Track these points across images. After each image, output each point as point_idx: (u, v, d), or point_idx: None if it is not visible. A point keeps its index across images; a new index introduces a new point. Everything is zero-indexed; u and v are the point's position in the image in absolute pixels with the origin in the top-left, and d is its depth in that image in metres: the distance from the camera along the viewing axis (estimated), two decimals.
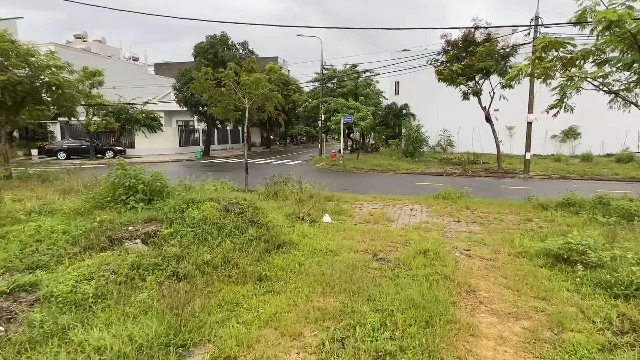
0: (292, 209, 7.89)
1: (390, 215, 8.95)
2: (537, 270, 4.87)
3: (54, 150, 27.98)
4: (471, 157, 25.01)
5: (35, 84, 15.32)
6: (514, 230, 7.65)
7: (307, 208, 8.20)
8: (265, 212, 6.25)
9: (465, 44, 19.26)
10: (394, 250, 5.80)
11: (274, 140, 54.73)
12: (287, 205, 8.57)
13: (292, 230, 6.17)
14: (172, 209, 5.66)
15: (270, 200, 9.96)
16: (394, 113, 33.91)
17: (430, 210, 9.69)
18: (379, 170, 20.85)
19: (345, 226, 7.41)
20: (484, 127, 29.84)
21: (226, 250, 4.80)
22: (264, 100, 14.21)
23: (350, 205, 10.31)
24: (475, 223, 8.33)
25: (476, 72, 18.72)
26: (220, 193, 7.65)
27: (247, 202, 6.09)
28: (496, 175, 18.91)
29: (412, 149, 25.78)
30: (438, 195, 11.53)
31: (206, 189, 11.81)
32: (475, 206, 10.22)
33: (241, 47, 32.56)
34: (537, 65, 9.68)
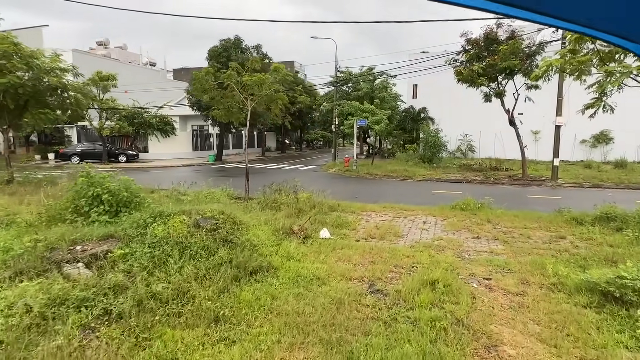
0: (284, 222, 6.94)
1: (399, 230, 7.89)
2: (580, 312, 3.76)
3: (68, 154, 28.02)
4: (493, 163, 23.55)
5: (40, 87, 14.98)
6: (545, 250, 6.48)
7: (304, 220, 7.25)
8: (247, 228, 5.34)
9: (487, 42, 17.99)
10: (396, 278, 4.77)
11: (290, 145, 54.09)
12: (282, 217, 7.64)
13: (276, 250, 5.23)
14: (133, 225, 4.81)
15: (266, 210, 9.07)
16: (412, 117, 32.69)
17: (445, 224, 8.57)
18: (394, 177, 19.72)
19: (344, 243, 6.41)
20: (507, 131, 28.28)
21: (184, 278, 3.91)
22: (269, 102, 13.39)
23: (355, 217, 9.30)
24: (497, 240, 7.18)
25: (499, 72, 17.42)
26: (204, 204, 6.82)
27: (224, 215, 5.20)
28: (521, 182, 17.49)
29: (430, 154, 24.50)
30: (455, 205, 10.38)
31: (200, 197, 11.09)
32: (497, 219, 9.04)
33: (255, 51, 32.06)
34: (570, 60, 8.48)
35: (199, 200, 10.22)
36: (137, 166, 27.24)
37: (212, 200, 10.54)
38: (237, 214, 5.69)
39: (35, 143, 34.66)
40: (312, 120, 47.45)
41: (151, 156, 31.84)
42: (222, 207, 5.82)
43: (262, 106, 13.31)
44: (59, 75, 15.43)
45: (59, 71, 15.66)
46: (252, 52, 32.00)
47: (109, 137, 31.91)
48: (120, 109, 28.28)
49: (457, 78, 18.31)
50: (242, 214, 6.26)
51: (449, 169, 22.40)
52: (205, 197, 11.05)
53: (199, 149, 35.26)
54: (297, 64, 59.07)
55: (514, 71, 17.17)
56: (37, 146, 33.07)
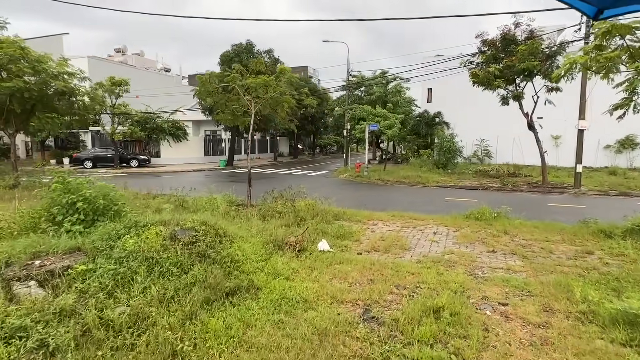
0: (279, 232, 6.39)
1: (406, 241, 7.25)
2: (619, 353, 3.07)
3: (81, 159, 28.20)
4: (511, 169, 22.55)
5: (47, 91, 14.91)
6: (570, 268, 5.75)
7: (301, 231, 6.68)
8: (232, 240, 4.81)
9: (504, 42, 17.19)
10: (397, 301, 4.14)
11: (303, 151, 53.73)
12: (277, 227, 7.10)
13: (263, 266, 4.66)
14: (104, 236, 4.33)
15: (266, 218, 8.54)
16: (426, 121, 31.84)
17: (458, 235, 7.88)
18: (406, 183, 19.00)
19: (343, 257, 5.81)
20: (525, 136, 27.19)
21: (148, 301, 3.39)
22: (275, 105, 12.94)
23: (360, 226, 8.68)
24: (515, 255, 6.46)
25: (517, 74, 16.58)
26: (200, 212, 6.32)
27: (206, 227, 4.68)
28: (541, 190, 16.54)
29: (444, 159, 23.67)
30: (470, 214, 9.65)
31: (200, 203, 10.65)
32: (515, 230, 8.29)
33: (267, 55, 31.87)
34: (596, 57, 7.72)
35: (197, 207, 9.79)
36: (148, 171, 27.20)
37: (211, 207, 10.09)
38: (224, 225, 5.16)
39: (51, 148, 35.10)
40: (325, 125, 46.97)
41: (163, 161, 31.87)
42: (207, 216, 5.31)
43: (268, 109, 12.85)
44: (66, 80, 15.35)
45: (67, 75, 15.60)
46: (264, 56, 31.80)
47: (122, 142, 32.10)
48: (133, 114, 28.37)
49: (473, 80, 17.53)
50: (230, 223, 5.76)
51: (464, 175, 21.53)
52: (205, 204, 10.63)
53: (211, 154, 35.18)
54: (310, 68, 58.86)
55: (533, 73, 16.31)
56: (53, 151, 33.47)
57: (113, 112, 27.12)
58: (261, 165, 33.09)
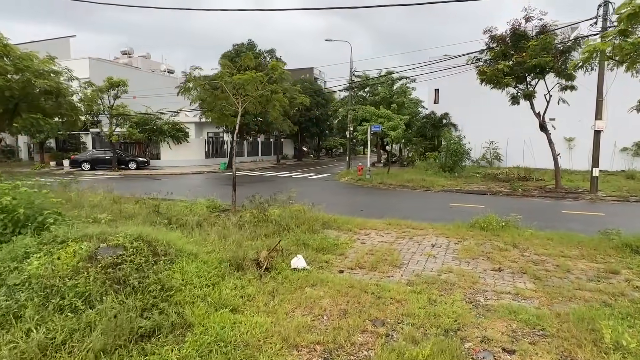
0: (248, 246, 5.48)
1: (398, 256, 6.29)
2: None
3: (79, 161, 27.70)
4: (522, 173, 21.39)
5: (30, 90, 14.25)
6: (592, 293, 4.75)
7: (275, 244, 5.77)
8: (175, 259, 3.92)
9: (514, 38, 16.12)
10: (368, 346, 3.21)
11: (308, 153, 52.88)
12: (251, 239, 6.22)
13: (208, 292, 3.75)
14: (7, 256, 3.48)
15: (245, 227, 7.66)
16: (433, 123, 30.79)
17: (459, 248, 6.89)
18: (409, 187, 17.98)
19: (319, 277, 4.89)
20: (537, 138, 25.91)
21: (25, 350, 2.52)
22: (266, 104, 12.07)
23: (350, 237, 7.74)
24: (525, 275, 5.47)
25: (528, 71, 15.49)
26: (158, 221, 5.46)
27: (142, 242, 3.80)
28: (554, 195, 15.39)
29: (451, 162, 22.56)
30: (475, 223, 8.64)
31: (178, 208, 9.80)
32: (526, 243, 7.27)
33: (268, 55, 31.16)
34: (621, 44, 6.70)
35: (173, 213, 8.95)
36: (146, 173, 26.56)
37: (190, 213, 9.25)
38: (169, 238, 4.27)
39: (52, 149, 34.79)
40: (330, 127, 46.07)
41: (163, 163, 31.26)
42: (145, 229, 4.42)
43: (258, 108, 11.99)
44: (51, 79, 14.68)
45: (53, 74, 14.95)
46: (266, 56, 31.10)
47: (122, 144, 31.60)
48: (131, 115, 27.79)
49: (480, 78, 16.48)
50: (186, 236, 4.88)
51: (471, 179, 20.42)
52: (185, 209, 9.80)
53: (213, 156, 34.50)
54: (316, 70, 58.07)
55: (545, 69, 15.21)
56: (53, 152, 33.13)
57: (110, 114, 26.57)
58: (263, 167, 32.28)
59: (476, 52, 17.19)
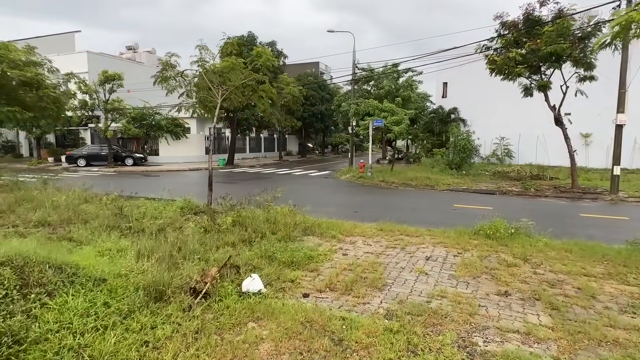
0: (202, 258, 4.44)
1: (382, 273, 5.20)
2: None
3: (74, 157, 27.02)
4: (534, 171, 20.04)
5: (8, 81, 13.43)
6: (629, 332, 3.61)
7: (227, 258, 4.73)
8: (60, 288, 2.90)
9: (527, 24, 14.78)
10: None
11: (313, 149, 51.75)
12: (211, 249, 5.19)
13: (91, 340, 2.70)
14: None
15: (215, 233, 6.63)
16: (440, 118, 29.46)
17: (459, 263, 5.76)
18: (413, 186, 16.78)
19: (272, 307, 3.83)
20: (551, 134, 24.41)
21: None
22: (250, 94, 11.03)
23: (332, 245, 6.66)
24: (539, 303, 4.33)
25: (542, 59, 14.15)
26: None
27: (11, 269, 2.78)
28: (570, 195, 14.07)
29: (458, 159, 21.28)
30: (479, 229, 7.48)
31: (147, 209, 8.83)
32: (539, 256, 6.11)
33: (269, 48, 30.10)
34: None
35: (139, 215, 7.97)
36: (142, 170, 25.77)
37: (159, 215, 8.26)
38: (74, 259, 3.26)
39: (52, 145, 34.29)
40: (335, 123, 44.83)
41: (161, 159, 30.47)
42: (32, 246, 3.41)
43: (242, 100, 10.94)
44: (30, 70, 13.84)
45: (32, 65, 14.12)
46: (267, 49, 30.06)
47: (119, 140, 30.87)
48: (127, 110, 26.98)
49: (490, 68, 15.18)
50: (91, 254, 3.88)
51: (480, 177, 19.14)
52: (154, 210, 8.81)
53: (214, 152, 33.63)
54: (322, 64, 56.78)
55: (562, 57, 13.86)
56: (51, 148, 32.59)
57: (105, 108, 25.80)
58: (264, 164, 31.31)
59: (486, 40, 15.86)
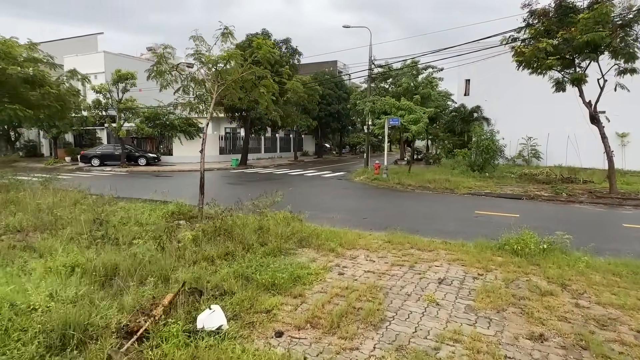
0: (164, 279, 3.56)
1: (381, 302, 4.18)
2: None
3: (88, 157, 26.97)
4: (565, 173, 18.45)
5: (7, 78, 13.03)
6: None
7: (181, 285, 3.83)
8: None
9: (559, 11, 13.38)
10: None
11: (331, 150, 50.77)
12: (185, 263, 4.32)
13: None
14: None
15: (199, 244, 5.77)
16: (462, 117, 27.97)
17: (479, 289, 4.67)
18: (430, 189, 15.58)
19: (226, 355, 2.89)
20: (582, 134, 22.64)
21: None
22: (250, 90, 10.16)
23: (328, 261, 5.68)
24: (586, 354, 3.23)
25: (577, 50, 12.73)
26: None
27: None
28: (608, 202, 12.61)
29: (481, 160, 19.89)
30: (505, 243, 6.34)
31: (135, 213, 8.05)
32: (581, 281, 4.96)
33: (284, 45, 29.34)
34: None
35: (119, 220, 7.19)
36: (154, 169, 25.44)
37: (143, 222, 7.46)
38: None
39: (70, 145, 34.61)
40: (353, 123, 43.69)
41: (175, 159, 30.17)
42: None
43: (238, 94, 10.09)
44: (30, 66, 13.43)
45: (32, 61, 13.72)
46: (281, 46, 29.28)
47: (133, 139, 30.75)
48: (140, 109, 26.72)
49: (517, 60, 13.82)
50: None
51: (504, 180, 17.72)
52: (140, 215, 8.01)
53: (228, 152, 33.15)
54: (340, 63, 55.70)
55: (599, 47, 12.42)
56: (69, 148, 32.83)
57: (118, 107, 25.61)
58: (278, 165, 30.56)
59: (512, 30, 14.51)
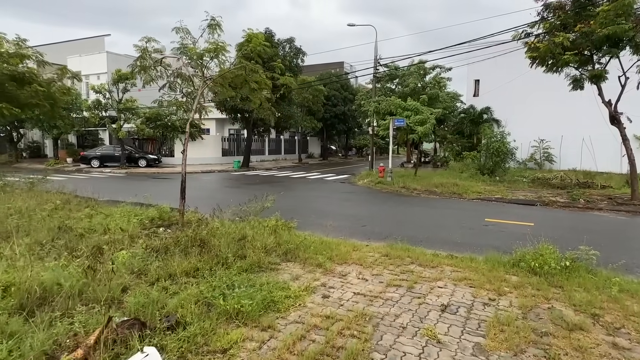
0: None
1: (369, 337, 3.37)
2: None
3: (88, 158, 26.53)
4: (581, 177, 17.41)
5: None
6: None
7: (107, 321, 3.06)
8: None
9: (576, 4, 12.44)
10: None
11: (336, 152, 49.94)
12: (147, 280, 3.57)
13: None
14: None
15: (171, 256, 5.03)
16: (472, 118, 27.01)
17: (490, 320, 3.83)
18: (437, 193, 14.69)
19: None
20: (598, 136, 21.65)
21: None
22: (240, 86, 9.39)
23: (313, 279, 4.88)
24: None
25: (597, 44, 11.77)
26: None
27: None
28: (631, 209, 11.60)
29: (491, 163, 18.93)
30: (520, 259, 5.50)
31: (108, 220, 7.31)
32: (614, 309, 4.09)
33: (287, 45, 28.68)
34: None
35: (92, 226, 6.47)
36: (154, 171, 24.88)
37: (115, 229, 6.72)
38: None
39: (73, 146, 34.31)
40: (359, 125, 42.84)
41: (176, 160, 29.63)
42: None
43: (230, 92, 9.36)
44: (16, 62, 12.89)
45: (18, 57, 13.18)
46: (285, 46, 28.62)
47: (135, 140, 30.31)
48: (140, 110, 26.19)
49: (530, 56, 12.89)
50: None
51: (516, 184, 16.74)
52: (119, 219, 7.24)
53: (232, 154, 32.51)
54: (347, 65, 54.95)
55: (622, 41, 11.46)
56: (71, 149, 32.49)
57: (118, 108, 25.12)
58: (281, 167, 29.82)
59: (525, 25, 13.60)
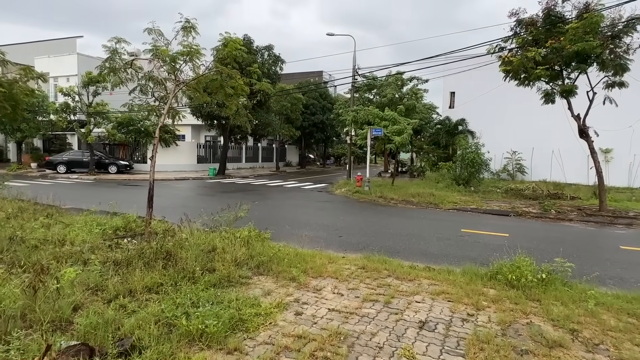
0: None
1: (344, 358, 3.14)
2: None
3: (54, 163, 25.30)
4: (551, 189, 17.87)
5: None
6: None
7: (46, 349, 2.73)
8: None
9: (547, 21, 12.84)
10: None
11: (315, 161, 49.85)
12: (102, 298, 3.20)
13: None
14: None
15: (132, 270, 4.66)
16: (447, 130, 27.45)
17: (469, 338, 3.68)
18: (414, 203, 14.70)
19: None
20: (567, 149, 22.38)
21: None
22: (216, 90, 9.09)
23: (286, 293, 4.63)
24: None
25: (567, 60, 12.14)
26: None
27: None
28: (599, 220, 11.91)
29: (466, 174, 19.23)
30: (497, 271, 5.41)
31: (67, 230, 6.83)
32: (592, 324, 4.02)
33: (266, 52, 28.51)
34: None
35: (44, 236, 6.00)
36: (124, 178, 23.97)
37: (75, 238, 6.25)
38: None
39: (38, 150, 32.79)
40: (338, 134, 42.94)
41: (149, 167, 28.64)
42: None
43: (204, 97, 9.06)
44: None
45: None
46: (264, 53, 28.43)
47: (105, 145, 29.24)
48: (110, 114, 25.25)
49: (504, 70, 13.18)
50: None
51: (490, 195, 17.01)
52: (79, 229, 6.77)
53: (208, 161, 31.77)
54: (325, 74, 55.17)
55: (589, 58, 11.86)
56: (35, 153, 31.00)
57: (87, 112, 24.18)
58: (258, 175, 29.38)
59: (499, 39, 13.93)
